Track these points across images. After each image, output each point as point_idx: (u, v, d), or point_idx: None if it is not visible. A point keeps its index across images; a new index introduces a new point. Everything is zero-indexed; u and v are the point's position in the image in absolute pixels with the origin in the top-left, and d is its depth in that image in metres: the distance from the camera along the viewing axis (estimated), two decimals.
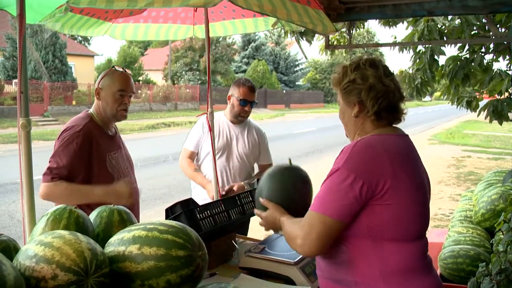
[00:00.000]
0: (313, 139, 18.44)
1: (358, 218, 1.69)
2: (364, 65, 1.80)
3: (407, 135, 1.86)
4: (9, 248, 1.57)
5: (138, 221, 2.40)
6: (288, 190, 1.97)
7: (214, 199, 3.26)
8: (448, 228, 4.11)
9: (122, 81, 2.69)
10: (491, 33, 4.38)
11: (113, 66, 2.74)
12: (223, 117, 3.62)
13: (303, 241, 1.69)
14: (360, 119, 1.82)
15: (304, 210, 1.79)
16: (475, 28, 4.64)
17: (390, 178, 1.65)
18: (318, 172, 12.05)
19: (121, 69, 2.73)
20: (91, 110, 2.76)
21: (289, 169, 2.05)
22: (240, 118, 3.55)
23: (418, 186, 1.76)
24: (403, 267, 1.70)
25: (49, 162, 2.51)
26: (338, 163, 1.71)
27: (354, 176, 1.64)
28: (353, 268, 1.72)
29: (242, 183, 3.45)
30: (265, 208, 1.95)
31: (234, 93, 3.51)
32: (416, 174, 1.78)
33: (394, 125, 1.84)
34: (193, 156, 3.63)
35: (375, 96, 1.75)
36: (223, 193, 3.33)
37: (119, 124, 3.06)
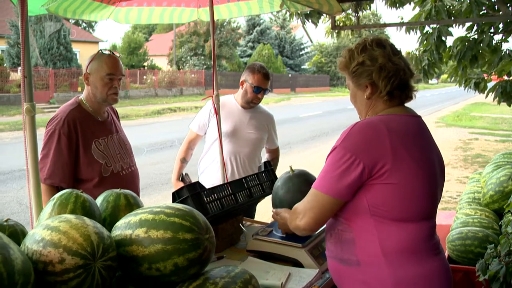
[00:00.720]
0: (319, 122, 18.39)
1: (357, 197, 1.70)
2: (371, 46, 1.77)
3: (419, 116, 1.84)
4: (16, 233, 1.58)
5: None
6: (294, 195, 2.21)
7: (221, 177, 3.28)
8: (456, 210, 4.10)
9: (110, 65, 2.62)
10: (500, 12, 4.30)
11: (100, 50, 2.69)
12: (233, 101, 3.57)
13: (299, 215, 1.76)
14: (372, 100, 1.80)
15: None
16: (484, 8, 4.55)
17: (390, 158, 1.64)
18: (324, 155, 12.05)
19: (108, 52, 2.67)
20: (81, 96, 2.72)
21: (294, 176, 2.37)
22: (252, 105, 3.51)
23: (425, 166, 1.73)
24: (406, 248, 1.69)
25: (40, 164, 2.34)
26: (337, 142, 1.72)
27: (351, 155, 1.65)
28: (356, 247, 1.73)
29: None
30: None
31: (248, 79, 3.42)
32: (423, 154, 1.74)
33: (405, 105, 1.82)
34: (197, 140, 3.63)
35: (387, 76, 1.73)
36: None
37: (124, 110, 3.06)
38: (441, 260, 1.78)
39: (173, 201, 2.21)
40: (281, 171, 3.04)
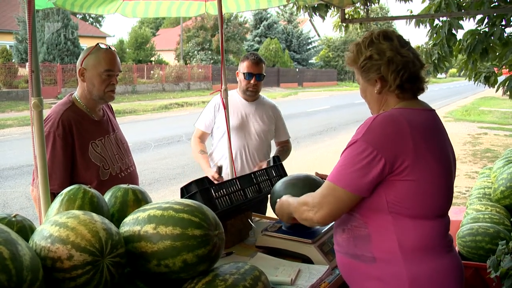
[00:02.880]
0: (327, 117, 18.33)
1: (376, 193, 1.65)
2: (377, 39, 1.74)
3: (433, 110, 1.80)
4: (25, 229, 1.57)
5: None
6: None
7: (230, 177, 3.24)
8: (465, 206, 4.05)
9: (109, 60, 2.47)
10: None
11: (98, 44, 2.51)
12: (236, 95, 3.57)
13: (314, 208, 1.71)
14: (383, 95, 1.76)
15: None
16: (495, 0, 4.49)
17: (411, 154, 1.60)
18: (332, 150, 12.00)
19: (106, 46, 2.50)
20: (75, 94, 2.57)
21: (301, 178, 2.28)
22: (248, 93, 3.49)
23: (442, 162, 1.71)
24: (423, 245, 1.67)
25: (36, 170, 2.15)
26: (357, 135, 1.66)
27: (372, 149, 1.59)
28: (371, 244, 1.70)
29: (262, 163, 3.40)
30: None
31: (240, 68, 3.47)
32: (440, 149, 1.72)
33: (418, 98, 1.79)
34: (204, 137, 3.60)
35: (396, 69, 1.69)
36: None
37: (132, 106, 3.01)
38: (455, 256, 1.77)
39: (182, 196, 2.19)
40: (288, 166, 3.02)
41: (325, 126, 15.67)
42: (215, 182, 2.77)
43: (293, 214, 1.91)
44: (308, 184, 2.21)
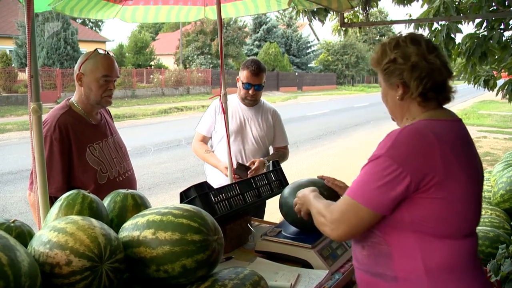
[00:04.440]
0: (326, 121, 18.33)
1: (398, 211, 1.54)
2: (404, 42, 1.64)
3: (460, 120, 1.68)
4: (23, 234, 1.57)
5: None
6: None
7: (228, 177, 3.24)
8: None
9: (107, 66, 2.48)
10: (511, 8, 4.24)
11: (96, 49, 2.52)
12: (236, 100, 3.58)
13: (331, 225, 1.60)
14: (405, 102, 1.65)
15: None
16: (493, 4, 4.49)
17: (439, 171, 1.49)
18: (332, 153, 11.96)
19: (104, 52, 2.51)
20: (72, 98, 2.57)
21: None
22: (247, 101, 3.50)
23: (472, 178, 1.59)
24: (450, 265, 1.55)
25: (32, 174, 2.16)
26: (380, 149, 1.54)
27: (397, 166, 1.48)
28: (393, 262, 1.59)
29: (263, 159, 3.39)
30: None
31: (240, 76, 3.46)
32: (470, 164, 1.60)
33: (444, 107, 1.68)
34: (206, 140, 3.60)
35: (419, 76, 1.59)
36: (248, 164, 3.30)
37: (131, 110, 3.00)
38: (485, 280, 1.66)
39: (181, 201, 2.19)
40: (287, 170, 3.02)
41: (325, 130, 15.66)
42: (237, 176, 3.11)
43: (311, 213, 1.83)
44: (311, 183, 2.22)
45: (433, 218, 1.52)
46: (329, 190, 2.21)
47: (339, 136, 14.13)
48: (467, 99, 31.27)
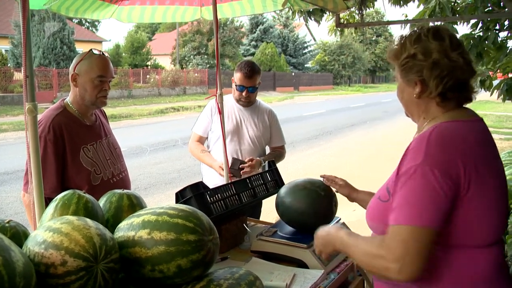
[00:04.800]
0: (323, 121, 18.35)
1: None
2: (426, 36, 1.51)
3: (481, 119, 1.58)
4: (18, 234, 1.56)
5: None
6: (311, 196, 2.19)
7: (224, 177, 3.25)
8: None
9: (101, 66, 2.48)
10: (506, 9, 4.26)
11: (91, 49, 2.53)
12: (231, 100, 3.58)
13: (398, 263, 1.34)
14: (423, 100, 1.55)
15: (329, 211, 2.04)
16: (489, 4, 4.51)
17: (472, 177, 1.39)
18: (328, 153, 11.96)
19: (99, 52, 2.52)
20: (67, 99, 2.58)
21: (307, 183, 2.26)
22: (241, 102, 3.50)
23: (499, 181, 1.50)
24: (483, 277, 1.45)
25: (26, 174, 2.26)
26: (413, 160, 1.41)
27: (440, 175, 1.36)
28: (420, 282, 1.44)
29: (259, 158, 3.40)
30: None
31: (234, 77, 3.46)
32: (498, 166, 1.52)
33: (464, 106, 1.57)
34: (202, 141, 3.61)
35: (439, 75, 1.48)
36: (246, 161, 3.31)
37: (127, 110, 3.01)
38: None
39: (176, 201, 2.19)
40: (284, 170, 3.02)
41: (321, 130, 15.68)
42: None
43: (349, 256, 1.63)
44: (308, 183, 2.24)
45: (465, 227, 1.42)
46: (326, 190, 2.22)
47: (336, 136, 14.16)
48: None
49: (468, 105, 1.62)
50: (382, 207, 1.54)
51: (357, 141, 13.10)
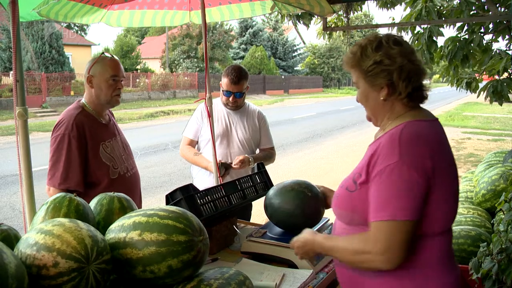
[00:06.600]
0: (313, 124, 18.42)
1: None
2: (387, 43, 1.62)
3: (437, 119, 1.71)
4: (9, 238, 1.57)
5: (140, 207, 2.42)
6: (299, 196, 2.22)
7: (214, 179, 3.27)
8: None
9: (114, 67, 2.69)
10: (490, 12, 4.33)
11: (102, 53, 2.75)
12: (220, 104, 3.60)
13: (382, 256, 1.50)
14: (389, 102, 1.65)
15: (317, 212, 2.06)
16: (474, 8, 4.59)
17: (436, 172, 1.52)
18: (318, 156, 12.00)
19: (110, 55, 2.74)
20: (83, 100, 2.75)
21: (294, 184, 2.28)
22: (228, 107, 3.53)
23: (454, 175, 1.64)
24: (437, 260, 1.59)
25: (51, 170, 2.52)
26: (389, 159, 1.52)
27: (415, 168, 1.49)
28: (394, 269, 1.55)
29: (248, 155, 3.42)
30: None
31: (222, 82, 3.48)
32: (451, 162, 1.64)
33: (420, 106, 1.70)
34: (193, 144, 3.62)
35: (407, 77, 1.60)
36: (234, 163, 3.34)
37: (117, 114, 3.06)
38: (458, 267, 1.72)
39: (167, 203, 2.21)
40: (274, 173, 3.05)
41: (311, 133, 15.74)
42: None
43: (331, 256, 1.78)
44: (296, 184, 2.27)
45: (431, 217, 1.54)
46: (313, 190, 2.25)
47: (326, 139, 14.22)
48: (451, 101, 31.66)
49: (457, 106, 1.73)
50: (349, 197, 1.66)
51: (347, 143, 13.16)
